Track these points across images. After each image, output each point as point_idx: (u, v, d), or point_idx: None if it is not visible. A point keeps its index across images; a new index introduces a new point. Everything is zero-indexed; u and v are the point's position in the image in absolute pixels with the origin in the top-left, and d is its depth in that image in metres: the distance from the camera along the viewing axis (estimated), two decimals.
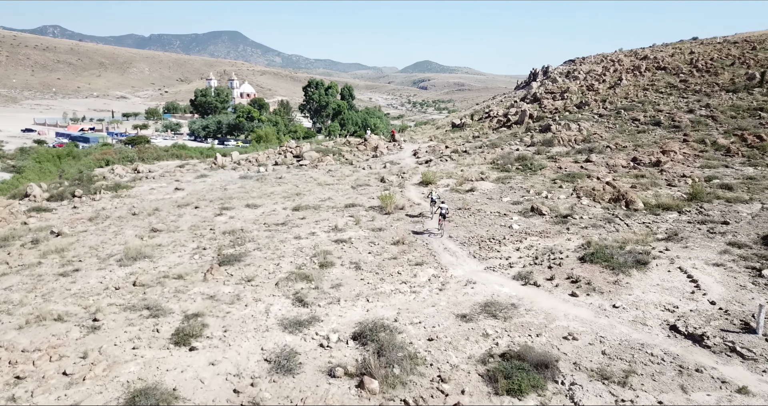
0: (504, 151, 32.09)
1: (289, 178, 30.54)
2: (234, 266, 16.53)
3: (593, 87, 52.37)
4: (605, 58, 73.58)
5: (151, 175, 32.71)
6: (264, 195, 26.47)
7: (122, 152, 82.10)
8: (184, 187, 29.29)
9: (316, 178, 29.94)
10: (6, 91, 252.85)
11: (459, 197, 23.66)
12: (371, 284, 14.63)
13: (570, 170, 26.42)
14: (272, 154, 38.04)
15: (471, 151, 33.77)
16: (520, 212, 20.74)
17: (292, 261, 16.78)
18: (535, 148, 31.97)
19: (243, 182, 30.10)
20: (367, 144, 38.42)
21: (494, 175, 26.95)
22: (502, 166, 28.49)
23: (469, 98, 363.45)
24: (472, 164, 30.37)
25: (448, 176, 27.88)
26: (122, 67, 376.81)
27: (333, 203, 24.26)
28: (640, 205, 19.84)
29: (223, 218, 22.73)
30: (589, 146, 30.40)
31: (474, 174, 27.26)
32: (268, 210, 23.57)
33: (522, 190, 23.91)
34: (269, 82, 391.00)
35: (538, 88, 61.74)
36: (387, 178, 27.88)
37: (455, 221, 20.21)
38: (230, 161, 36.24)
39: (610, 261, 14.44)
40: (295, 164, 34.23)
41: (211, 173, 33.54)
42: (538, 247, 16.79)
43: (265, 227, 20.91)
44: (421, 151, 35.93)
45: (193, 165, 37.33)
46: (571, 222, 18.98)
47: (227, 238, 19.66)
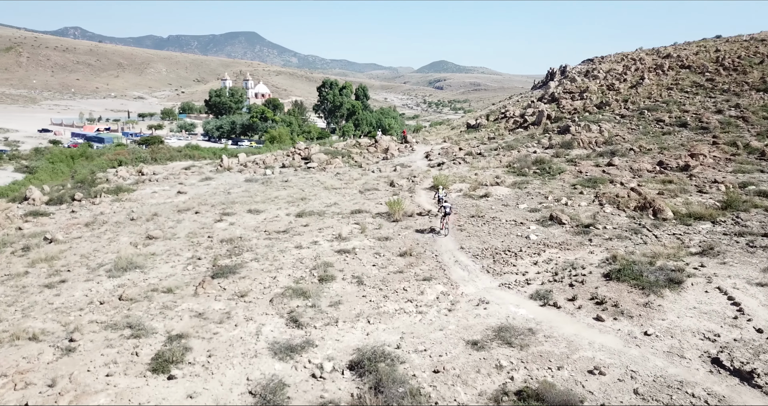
0: (520, 154, 30.57)
1: (296, 181, 29.38)
2: (228, 279, 15.37)
3: (614, 86, 50.44)
4: (626, 56, 71.34)
5: (154, 178, 31.81)
6: (268, 200, 25.34)
7: (135, 153, 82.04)
8: (186, 190, 28.30)
9: (323, 181, 28.74)
10: (26, 92, 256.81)
11: (472, 204, 22.25)
12: (373, 302, 13.34)
13: (591, 175, 24.84)
14: (280, 157, 36.96)
15: (486, 153, 32.31)
16: (537, 220, 19.27)
17: (290, 274, 15.56)
18: (554, 150, 30.40)
19: (248, 186, 29.03)
20: (378, 146, 37.12)
21: (510, 180, 25.48)
22: (519, 170, 27.00)
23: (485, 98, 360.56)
24: (486, 168, 28.92)
25: (461, 180, 26.47)
26: (140, 68, 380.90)
27: (339, 208, 23.02)
28: (669, 214, 18.25)
29: (222, 224, 21.63)
30: (611, 149, 28.75)
31: (488, 178, 25.81)
32: (271, 216, 22.42)
33: (540, 197, 22.41)
34: (285, 83, 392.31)
35: (555, 87, 59.91)
36: (397, 183, 26.57)
37: (467, 230, 18.82)
38: (237, 164, 35.24)
39: (640, 279, 12.95)
40: (302, 167, 33.09)
41: (216, 176, 32.54)
42: (557, 261, 15.34)
43: (266, 235, 19.75)
44: (434, 154, 34.53)
45: (198, 167, 36.41)
46: (593, 233, 17.46)
47: (224, 247, 18.53)
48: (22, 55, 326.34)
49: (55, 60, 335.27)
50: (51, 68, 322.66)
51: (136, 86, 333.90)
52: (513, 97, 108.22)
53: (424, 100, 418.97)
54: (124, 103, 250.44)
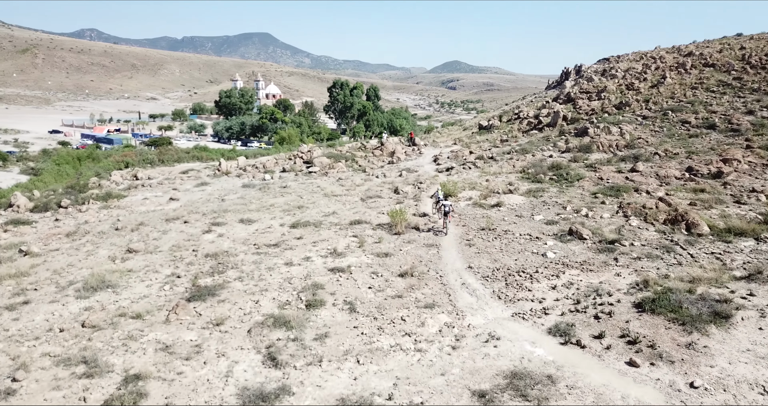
0: (535, 158, 28.54)
1: (295, 187, 27.66)
2: (206, 303, 13.64)
3: (633, 86, 48.08)
4: (644, 55, 68.70)
5: (149, 183, 30.30)
6: (263, 208, 23.63)
7: (143, 154, 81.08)
8: (179, 197, 26.72)
9: (323, 187, 26.97)
10: (41, 93, 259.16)
11: (482, 214, 20.31)
12: (366, 335, 11.51)
13: (613, 182, 22.77)
14: (282, 160, 35.30)
15: (498, 157, 30.32)
16: (555, 234, 17.30)
17: (275, 297, 13.80)
18: (571, 154, 28.34)
19: (244, 192, 27.36)
20: (384, 149, 35.25)
21: (524, 187, 23.49)
22: (534, 176, 25.00)
23: (498, 98, 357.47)
24: (498, 173, 26.94)
25: (471, 187, 24.53)
26: (153, 69, 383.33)
27: (337, 218, 21.22)
28: (704, 228, 16.19)
29: (211, 235, 19.94)
30: (634, 153, 26.63)
31: (501, 185, 23.85)
32: (263, 227, 20.68)
33: (557, 207, 20.41)
34: (297, 83, 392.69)
35: (571, 87, 57.61)
36: (401, 189, 24.71)
37: (477, 245, 16.90)
38: (235, 167, 33.62)
39: (679, 312, 10.98)
40: (304, 171, 31.36)
41: (213, 181, 30.94)
42: (579, 284, 13.38)
43: (255, 249, 18.01)
44: (443, 157, 32.60)
45: (197, 171, 34.86)
46: (619, 250, 15.46)
47: (208, 263, 16.82)
48: (38, 56, 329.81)
49: (70, 61, 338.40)
50: (66, 70, 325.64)
51: (149, 87, 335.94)
52: (526, 98, 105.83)
53: (437, 101, 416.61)
54: (137, 104, 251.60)
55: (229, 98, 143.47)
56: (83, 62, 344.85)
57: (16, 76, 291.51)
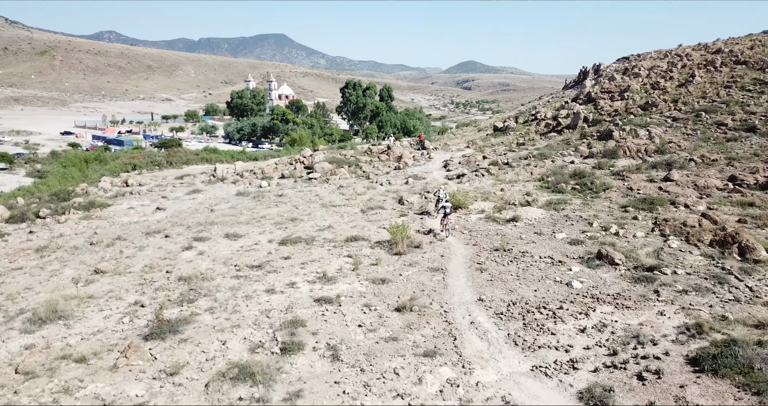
0: (555, 165, 25.98)
1: (292, 195, 25.46)
2: (165, 343, 11.47)
3: (659, 85, 45.13)
4: (669, 52, 65.42)
5: (138, 191, 28.34)
6: (253, 220, 21.45)
7: (150, 156, 79.72)
8: (167, 206, 24.68)
9: (322, 196, 24.73)
10: (57, 94, 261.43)
11: (496, 230, 17.88)
12: (348, 394, 9.20)
13: (645, 193, 20.17)
14: (282, 165, 33.17)
15: (514, 162, 27.80)
16: (581, 258, 14.82)
17: (247, 337, 11.56)
18: (595, 160, 25.73)
19: (237, 201, 25.25)
20: (390, 153, 32.88)
21: (544, 198, 20.98)
22: (554, 185, 22.47)
23: (514, 99, 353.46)
24: (515, 181, 24.44)
25: (483, 198, 22.08)
26: (169, 70, 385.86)
27: (333, 233, 18.94)
28: (762, 253, 13.60)
29: (190, 253, 17.79)
30: (666, 159, 23.95)
31: (517, 196, 21.37)
32: (250, 243, 18.49)
33: (582, 222, 17.89)
34: (311, 84, 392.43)
35: (592, 86, 54.70)
36: (406, 199, 22.36)
37: (489, 270, 14.49)
38: (232, 173, 31.55)
39: (750, 375, 8.49)
40: (304, 177, 29.16)
41: (206, 188, 28.89)
42: (614, 327, 10.92)
43: (236, 270, 15.82)
44: (453, 163, 30.14)
45: (192, 177, 32.86)
46: (659, 280, 12.94)
47: (180, 288, 14.65)
48: (56, 58, 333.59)
49: (87, 63, 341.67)
50: (83, 71, 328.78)
51: (164, 88, 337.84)
52: (543, 98, 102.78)
53: (452, 101, 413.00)
54: (152, 105, 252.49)
55: (241, 99, 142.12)
56: (100, 64, 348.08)
57: (35, 78, 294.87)
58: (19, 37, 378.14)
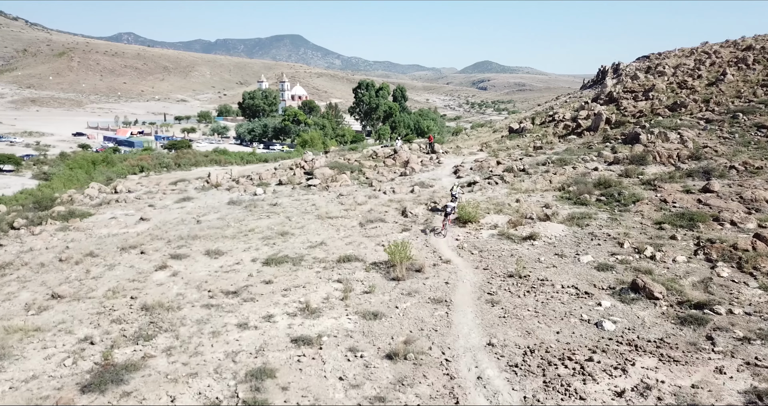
0: (577, 172, 23.50)
1: (287, 205, 23.35)
2: (104, 397, 9.43)
3: (687, 84, 42.27)
4: (695, 50, 62.23)
5: (125, 198, 26.46)
6: (240, 233, 19.38)
7: (158, 158, 78.49)
8: (152, 216, 22.74)
9: (318, 206, 22.56)
10: (74, 95, 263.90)
11: (511, 250, 15.55)
12: None
13: (682, 206, 17.67)
14: (282, 169, 31.11)
15: (531, 169, 25.35)
16: (612, 288, 12.44)
17: (202, 391, 9.44)
18: (622, 167, 23.20)
19: (227, 210, 23.21)
20: (397, 158, 30.61)
21: (565, 211, 18.55)
22: (576, 196, 20.01)
23: (530, 99, 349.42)
24: (532, 191, 22.02)
25: (496, 210, 19.72)
26: (185, 71, 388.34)
27: (325, 251, 16.77)
28: None
29: (162, 274, 15.76)
30: (703, 166, 21.36)
31: (535, 208, 18.97)
32: (231, 262, 16.40)
33: (610, 242, 15.48)
34: (326, 85, 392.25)
35: (613, 86, 51.84)
36: (410, 211, 20.09)
37: (502, 303, 12.17)
38: (228, 179, 29.57)
39: None
40: (303, 184, 27.05)
41: (198, 196, 26.91)
42: (661, 389, 8.57)
43: (209, 297, 13.73)
44: (465, 169, 27.76)
45: (187, 183, 30.95)
46: (713, 321, 10.53)
47: (140, 320, 12.59)
48: (74, 59, 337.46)
49: (104, 64, 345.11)
50: (100, 72, 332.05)
51: (180, 89, 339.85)
52: (560, 98, 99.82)
53: (467, 101, 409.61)
54: (166, 106, 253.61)
55: (253, 100, 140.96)
56: (117, 65, 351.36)
57: (52, 79, 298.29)
58: (38, 39, 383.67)
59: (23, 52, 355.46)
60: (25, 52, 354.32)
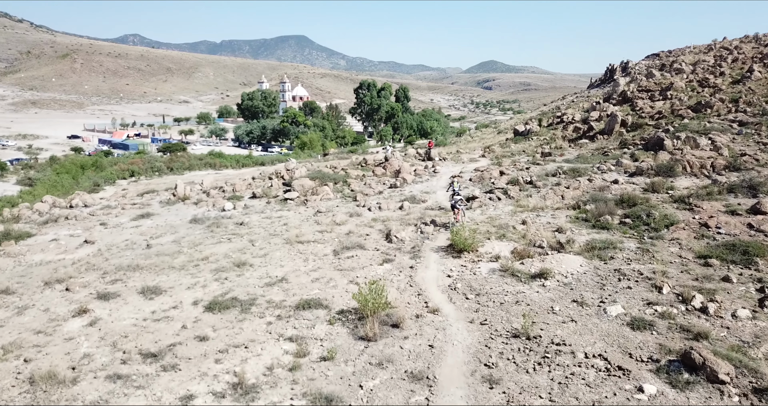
0: (593, 185, 20.11)
1: (255, 224, 20.10)
2: None
3: (708, 82, 38.78)
4: (713, 45, 58.61)
5: (76, 214, 23.29)
6: (191, 263, 16.15)
7: (150, 162, 75.43)
8: (98, 238, 19.55)
9: (291, 226, 19.27)
10: (76, 97, 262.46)
11: (516, 294, 12.22)
12: None
13: (729, 232, 14.27)
14: (260, 179, 27.88)
15: (539, 180, 21.98)
16: (656, 361, 9.07)
17: None
18: (646, 179, 19.82)
19: (186, 231, 19.98)
20: (387, 166, 27.28)
21: (582, 237, 15.19)
22: (595, 217, 16.61)
23: (536, 98, 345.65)
24: (540, 208, 18.65)
25: (499, 234, 16.36)
26: (188, 72, 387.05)
27: (284, 291, 13.49)
28: None
29: (77, 323, 12.54)
30: (746, 179, 17.96)
31: (545, 233, 15.62)
32: (168, 305, 13.16)
33: (644, 283, 12.12)
34: (329, 85, 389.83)
35: (627, 85, 48.33)
36: (396, 235, 16.76)
37: (503, 379, 8.84)
38: (198, 190, 26.36)
39: None
40: (279, 197, 23.80)
41: (160, 211, 23.72)
42: None
43: (121, 361, 10.51)
44: (463, 180, 24.46)
45: (155, 194, 27.79)
46: None
47: (18, 401, 9.39)
48: (77, 61, 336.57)
49: (107, 66, 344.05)
50: (103, 74, 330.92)
51: (183, 90, 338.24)
52: (567, 97, 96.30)
53: (472, 101, 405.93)
54: (168, 108, 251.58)
55: (252, 101, 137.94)
56: (120, 66, 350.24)
57: (55, 81, 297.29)
58: (42, 41, 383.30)
59: (27, 54, 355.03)
60: (28, 54, 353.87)
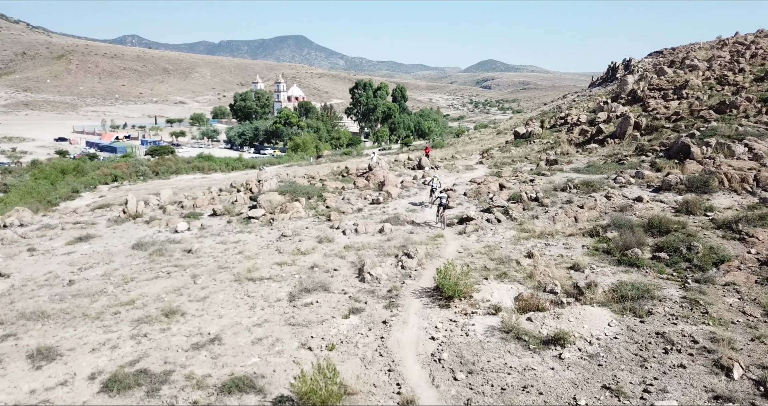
0: (612, 203, 16.71)
1: (206, 251, 16.70)
2: None
3: (727, 79, 35.43)
4: (726, 41, 55.25)
5: (2, 237, 19.90)
6: (110, 309, 12.75)
7: (135, 166, 71.93)
8: (16, 270, 16.16)
9: (246, 256, 15.84)
10: (70, 98, 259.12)
11: (521, 371, 8.83)
12: None
13: None
14: (226, 192, 24.51)
15: (546, 196, 18.55)
16: None
17: None
18: (676, 195, 16.43)
19: (123, 260, 16.60)
20: (371, 178, 23.83)
21: (606, 279, 11.77)
22: (620, 248, 13.20)
23: (535, 97, 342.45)
24: (550, 235, 15.23)
25: (499, 273, 12.90)
26: (185, 73, 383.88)
27: (213, 358, 10.10)
28: None
29: None
30: None
31: (558, 272, 12.21)
32: (56, 381, 9.77)
33: (701, 358, 8.70)
34: (327, 85, 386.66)
35: (636, 83, 44.96)
36: (370, 271, 13.34)
37: None
38: (155, 206, 22.97)
39: None
40: (243, 215, 20.41)
41: (104, 232, 20.31)
42: None
43: None
44: (456, 194, 21.01)
45: (107, 211, 24.40)
46: None
47: None
48: (72, 62, 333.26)
49: (103, 67, 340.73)
50: (99, 75, 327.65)
51: (179, 91, 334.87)
52: (568, 96, 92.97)
53: (471, 100, 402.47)
54: (163, 109, 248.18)
55: (244, 101, 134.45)
56: (116, 67, 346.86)
57: (50, 82, 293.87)
58: (37, 42, 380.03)
59: (22, 55, 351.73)
60: (23, 55, 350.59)
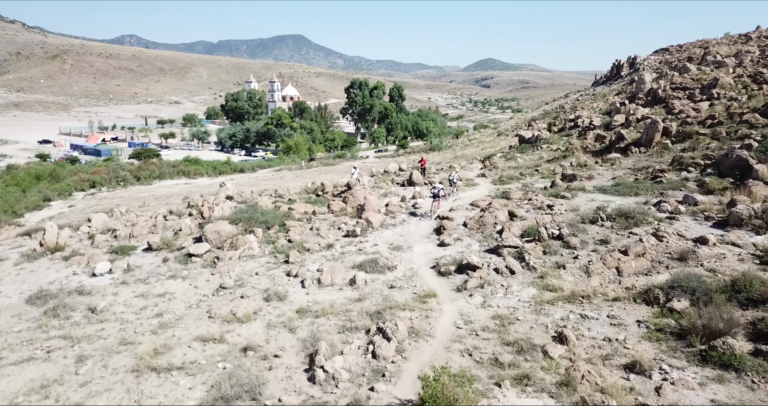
0: (668, 247, 12.32)
1: (114, 312, 12.30)
2: None
3: (763, 76, 31.09)
4: (749, 35, 50.93)
5: None
6: None
7: (116, 171, 67.44)
8: None
9: (162, 325, 11.45)
10: (63, 99, 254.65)
11: None
12: None
13: None
14: (174, 216, 20.13)
15: (572, 233, 14.13)
16: None
17: None
18: (753, 236, 12.10)
19: (5, 323, 12.25)
20: (349, 199, 19.28)
21: (691, 395, 7.47)
22: (702, 333, 8.83)
23: (535, 96, 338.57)
24: (586, 297, 10.83)
25: (517, 376, 8.44)
26: (181, 73, 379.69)
27: None
28: None
29: None
30: None
31: (611, 379, 7.88)
32: None
33: None
34: (325, 84, 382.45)
35: (654, 81, 40.58)
36: (325, 366, 8.91)
37: None
38: (83, 235, 18.60)
39: None
40: (184, 251, 16.05)
41: (7, 273, 15.95)
42: None
43: None
44: (453, 226, 16.57)
45: (27, 239, 20.03)
46: None
47: None
48: (67, 62, 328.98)
49: (98, 66, 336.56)
50: (93, 75, 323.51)
51: (175, 91, 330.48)
52: (570, 95, 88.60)
53: (470, 99, 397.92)
54: (158, 109, 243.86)
55: (236, 102, 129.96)
56: (111, 67, 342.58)
57: (44, 82, 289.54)
58: (32, 42, 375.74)
59: (16, 55, 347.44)
60: (18, 55, 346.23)
